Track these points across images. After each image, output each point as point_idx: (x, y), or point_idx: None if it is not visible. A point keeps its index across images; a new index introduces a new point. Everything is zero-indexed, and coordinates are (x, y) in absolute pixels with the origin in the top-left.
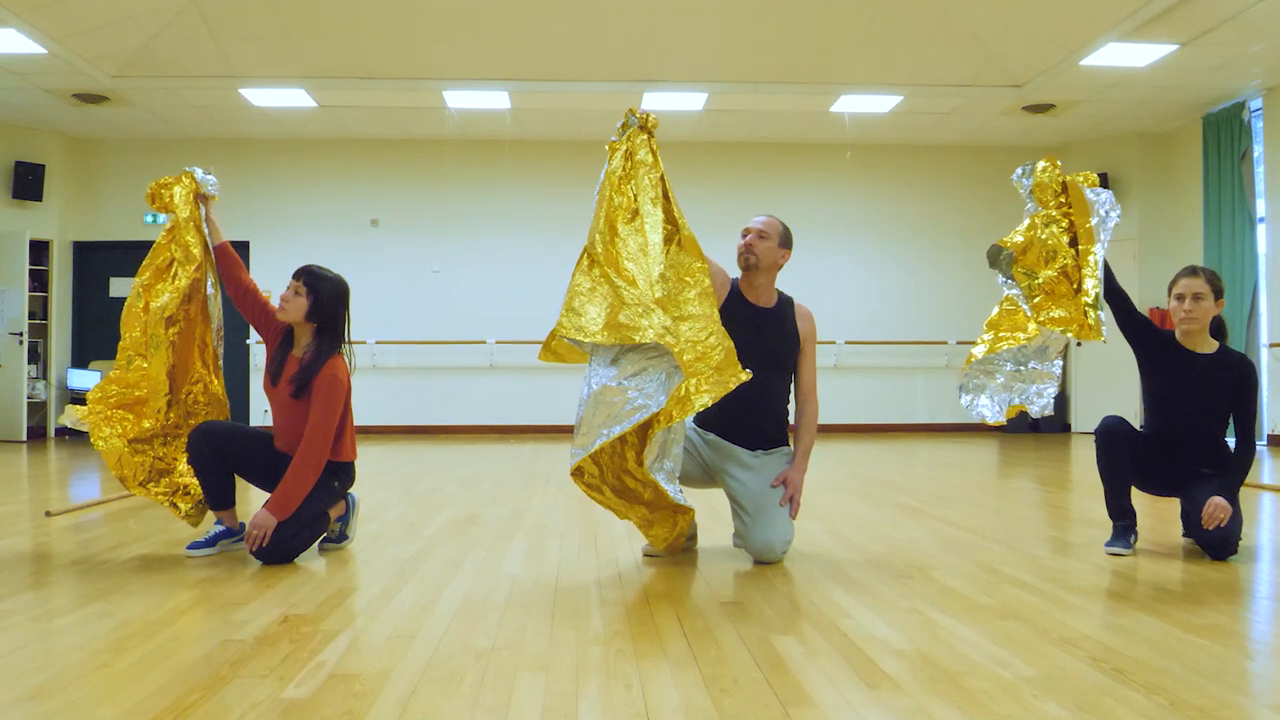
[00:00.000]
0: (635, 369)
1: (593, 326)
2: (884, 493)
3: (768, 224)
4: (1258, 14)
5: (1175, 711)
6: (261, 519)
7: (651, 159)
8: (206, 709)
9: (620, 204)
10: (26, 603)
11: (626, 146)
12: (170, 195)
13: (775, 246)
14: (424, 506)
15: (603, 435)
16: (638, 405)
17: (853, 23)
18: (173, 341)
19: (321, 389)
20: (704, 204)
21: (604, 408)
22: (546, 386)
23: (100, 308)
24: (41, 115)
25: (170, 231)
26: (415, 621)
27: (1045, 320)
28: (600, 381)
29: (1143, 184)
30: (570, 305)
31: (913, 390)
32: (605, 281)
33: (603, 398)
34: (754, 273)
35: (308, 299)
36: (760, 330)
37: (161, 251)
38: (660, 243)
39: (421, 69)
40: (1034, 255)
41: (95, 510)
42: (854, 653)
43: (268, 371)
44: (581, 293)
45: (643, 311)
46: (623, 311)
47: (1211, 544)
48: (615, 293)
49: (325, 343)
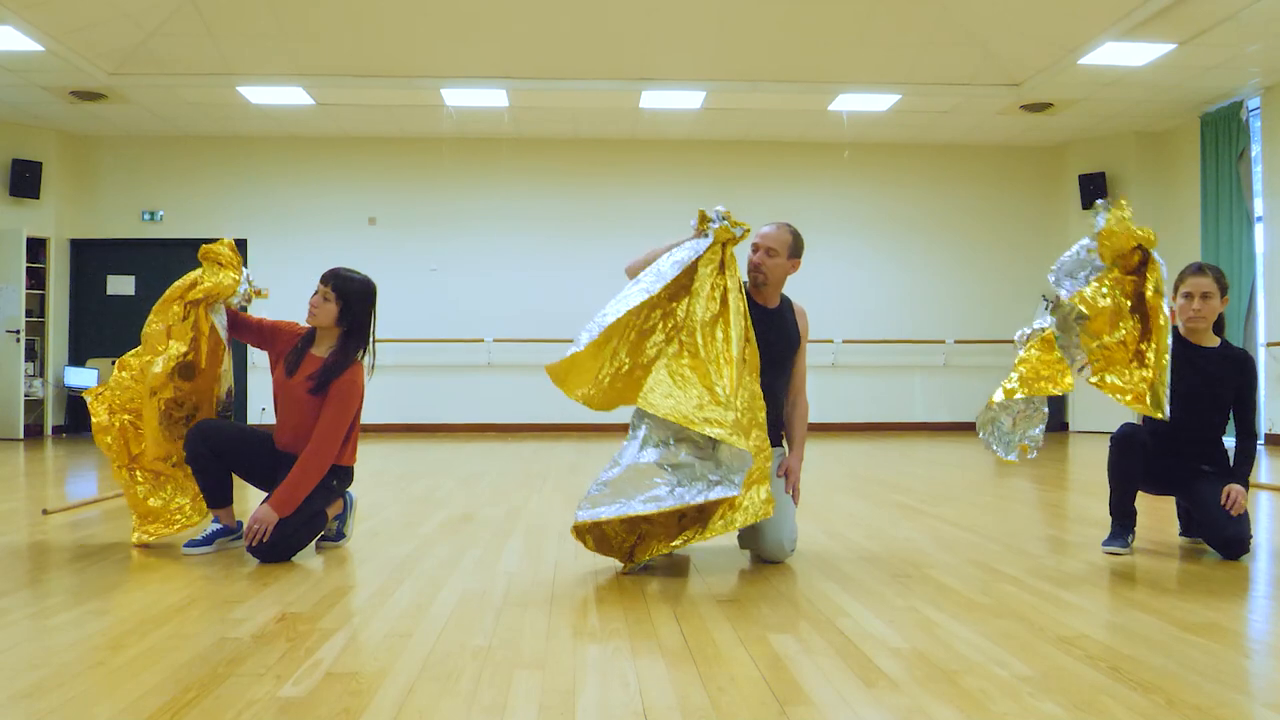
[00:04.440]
0: (678, 460)
1: (659, 410)
2: (881, 491)
3: (777, 238)
4: (1255, 13)
5: (1172, 710)
6: (263, 514)
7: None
8: (203, 707)
9: (711, 308)
10: (23, 600)
11: (725, 241)
12: (218, 279)
13: (784, 261)
14: (421, 505)
15: (618, 507)
16: (659, 498)
17: (851, 21)
18: (160, 409)
19: (340, 392)
20: (702, 202)
21: (636, 485)
22: (544, 385)
23: (97, 305)
24: (38, 112)
25: (193, 299)
26: (412, 620)
27: (1103, 384)
28: (647, 459)
29: (1140, 183)
30: (652, 386)
31: (910, 389)
32: (683, 376)
33: (638, 474)
34: (764, 288)
35: (337, 304)
36: (768, 332)
37: (172, 307)
38: (739, 359)
39: (419, 67)
40: (1102, 321)
41: (92, 508)
42: (851, 651)
43: (283, 363)
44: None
45: (715, 407)
46: (710, 408)
47: (1225, 543)
48: (710, 392)
49: (351, 345)
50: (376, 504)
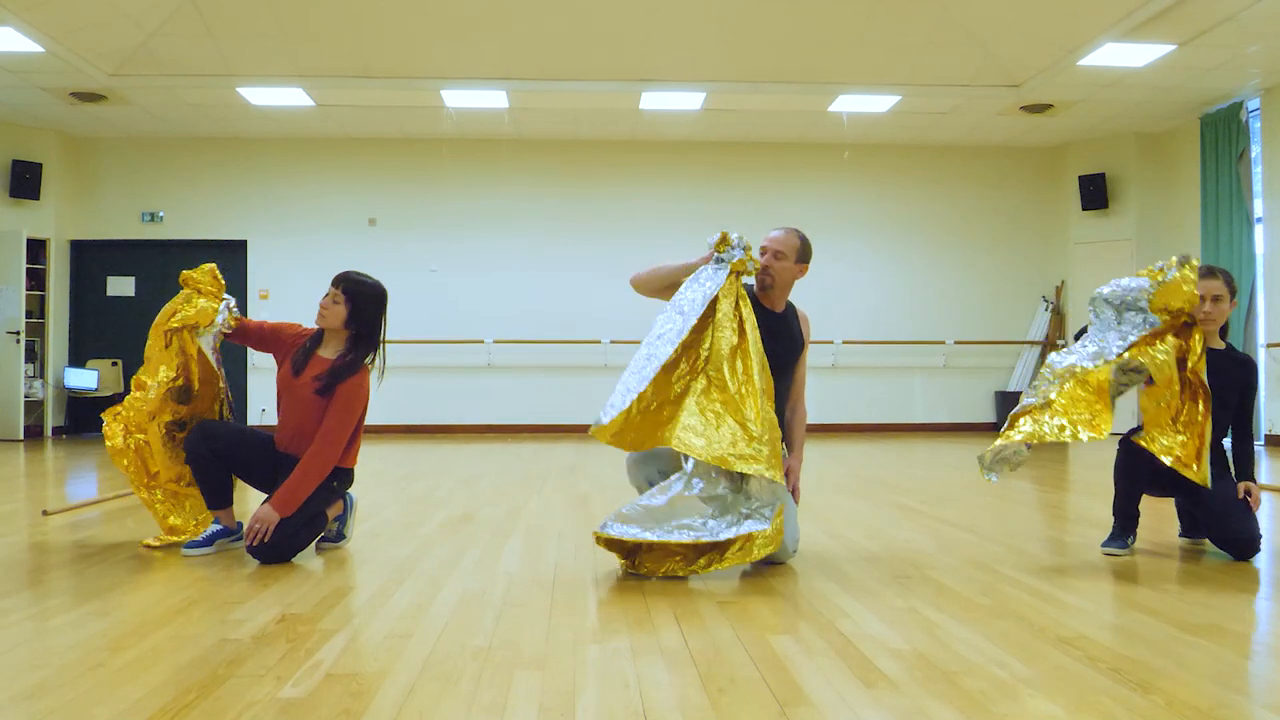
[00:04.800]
0: (717, 492)
1: (707, 450)
2: (881, 492)
3: (785, 242)
4: (1255, 14)
5: (1172, 711)
6: (264, 514)
7: (745, 297)
8: (203, 708)
9: (731, 340)
10: (23, 601)
11: (738, 271)
12: (197, 308)
13: (792, 265)
14: (421, 506)
15: (649, 532)
16: (693, 526)
17: (851, 22)
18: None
19: (345, 396)
20: (702, 203)
21: (671, 516)
22: (544, 386)
23: (97, 306)
24: (39, 114)
25: (171, 328)
26: (412, 621)
27: (1150, 443)
28: (693, 491)
29: (1140, 184)
30: (685, 424)
31: (910, 390)
32: (714, 413)
33: (681, 505)
34: (772, 291)
35: (346, 306)
36: (776, 337)
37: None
38: (761, 390)
39: (419, 68)
40: (1163, 387)
41: (92, 509)
42: (851, 652)
43: (289, 362)
44: (703, 419)
45: (752, 442)
46: (743, 443)
47: (1238, 544)
48: (743, 428)
49: (360, 349)
50: (376, 505)
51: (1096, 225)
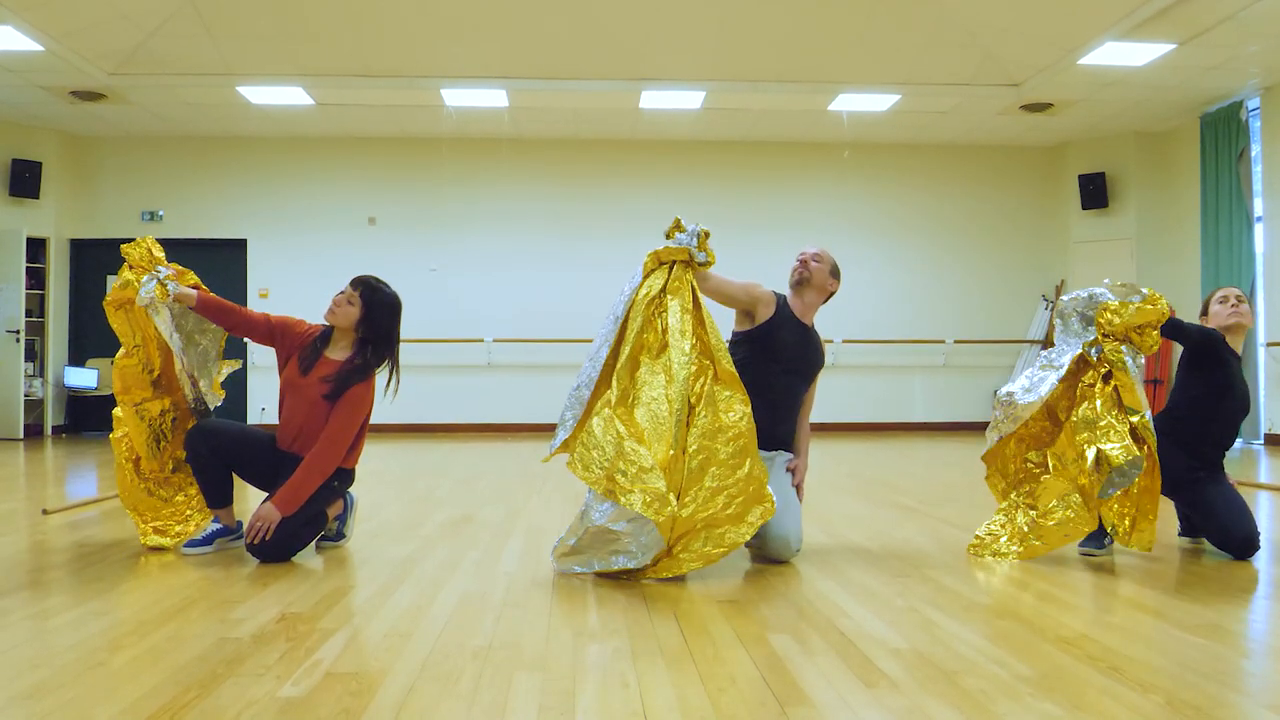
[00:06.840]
0: (632, 514)
1: (590, 473)
2: (881, 492)
3: (821, 252)
4: (1255, 14)
5: (1171, 710)
6: (266, 512)
7: (692, 283)
8: (203, 708)
9: (648, 340)
10: (23, 601)
11: (675, 263)
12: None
13: (826, 271)
14: (421, 506)
15: (590, 566)
16: (630, 551)
17: (850, 21)
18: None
19: (352, 400)
20: (701, 203)
21: (601, 544)
22: (544, 385)
23: (97, 305)
24: (38, 112)
25: (113, 302)
26: (412, 620)
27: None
28: (600, 520)
29: (1140, 183)
30: (582, 440)
31: (910, 389)
32: (613, 430)
33: (601, 536)
34: (805, 289)
35: (360, 309)
36: (807, 346)
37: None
38: (686, 379)
39: (419, 67)
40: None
41: (92, 508)
42: (851, 651)
43: (297, 361)
44: (594, 435)
45: (638, 474)
46: (620, 470)
47: (1239, 544)
48: (619, 446)
49: (371, 355)
50: (376, 504)
51: (1096, 224)
